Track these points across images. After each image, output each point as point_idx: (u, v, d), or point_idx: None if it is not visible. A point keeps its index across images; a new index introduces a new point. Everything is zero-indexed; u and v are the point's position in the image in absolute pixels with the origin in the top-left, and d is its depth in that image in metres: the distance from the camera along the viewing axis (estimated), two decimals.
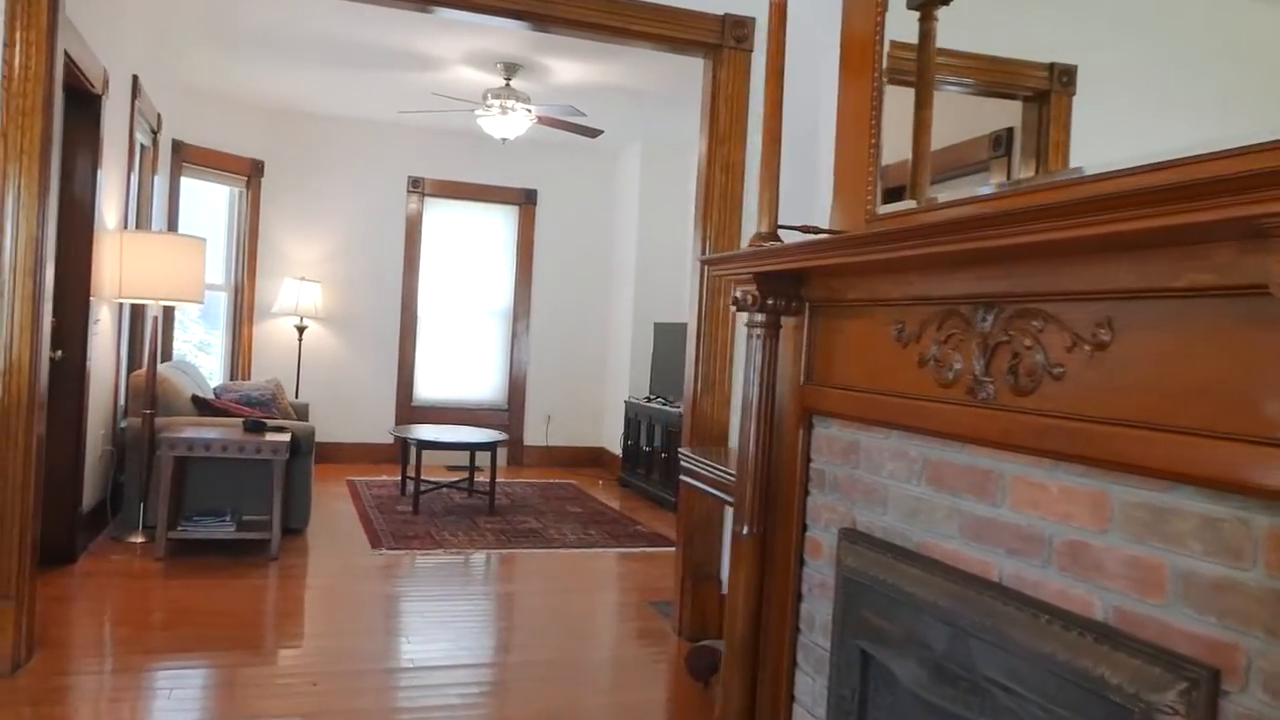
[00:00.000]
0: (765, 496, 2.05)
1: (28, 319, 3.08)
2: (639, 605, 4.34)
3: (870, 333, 1.83)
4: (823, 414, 1.99)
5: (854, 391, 1.87)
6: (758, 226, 2.05)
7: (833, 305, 1.97)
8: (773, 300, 1.98)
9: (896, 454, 1.75)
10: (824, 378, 1.99)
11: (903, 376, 1.72)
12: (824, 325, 1.99)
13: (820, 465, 2.01)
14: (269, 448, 4.71)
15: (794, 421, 2.04)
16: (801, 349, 2.02)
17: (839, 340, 1.95)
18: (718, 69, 3.82)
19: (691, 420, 3.85)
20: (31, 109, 3.04)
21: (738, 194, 3.82)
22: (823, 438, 2.00)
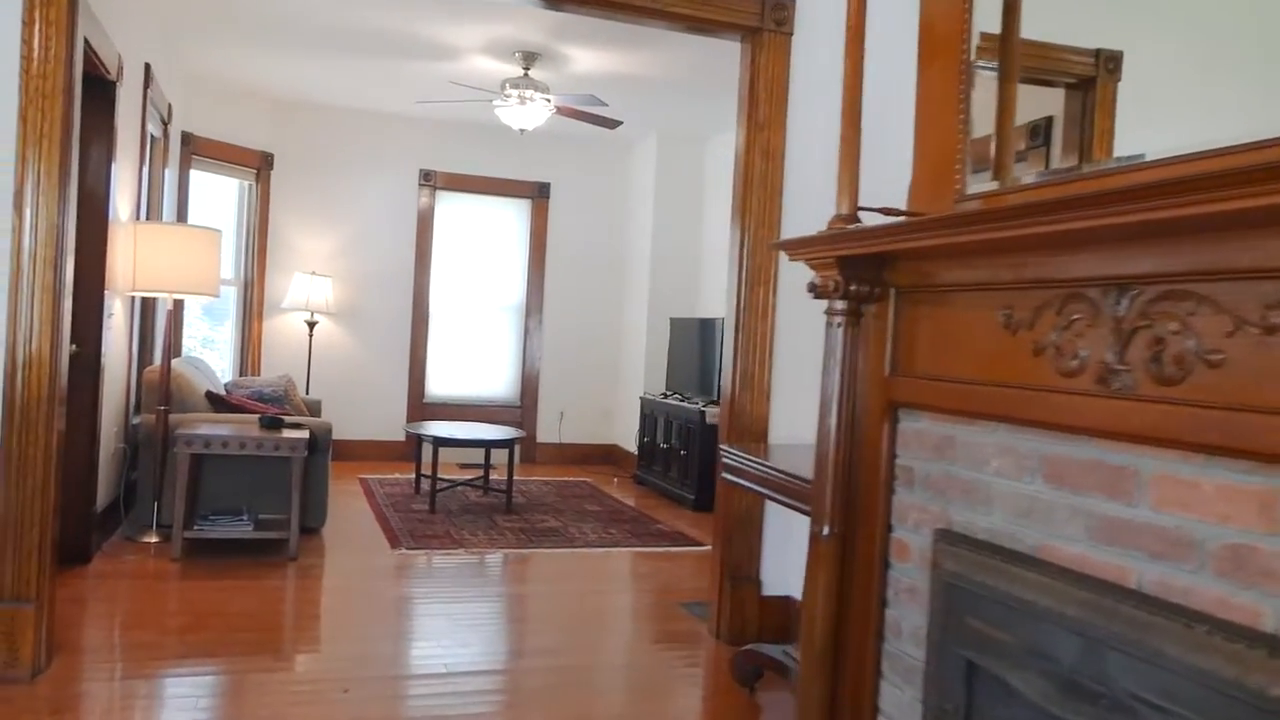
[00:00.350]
0: (846, 495, 1.92)
1: (48, 311, 2.95)
2: (671, 607, 4.21)
3: (970, 320, 1.71)
4: (911, 407, 1.87)
5: (949, 382, 1.75)
6: (837, 208, 1.93)
7: (923, 291, 1.84)
8: (855, 286, 1.86)
9: (1004, 449, 1.63)
10: (912, 368, 1.87)
11: (1012, 366, 1.60)
12: (912, 312, 1.87)
13: (907, 462, 1.89)
14: (288, 445, 4.58)
15: (877, 416, 1.92)
16: (886, 338, 1.90)
17: (930, 328, 1.82)
18: (756, 52, 3.69)
19: (730, 416, 3.72)
20: (52, 91, 2.90)
21: (778, 181, 3.70)
22: (910, 432, 1.87)
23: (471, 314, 8.23)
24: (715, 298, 7.70)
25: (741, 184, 3.72)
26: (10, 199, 2.90)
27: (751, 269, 3.68)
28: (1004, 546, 1.61)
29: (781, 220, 3.70)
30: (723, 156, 7.74)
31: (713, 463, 6.62)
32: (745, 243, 3.69)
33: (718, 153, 7.84)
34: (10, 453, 2.92)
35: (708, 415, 6.63)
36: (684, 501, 6.74)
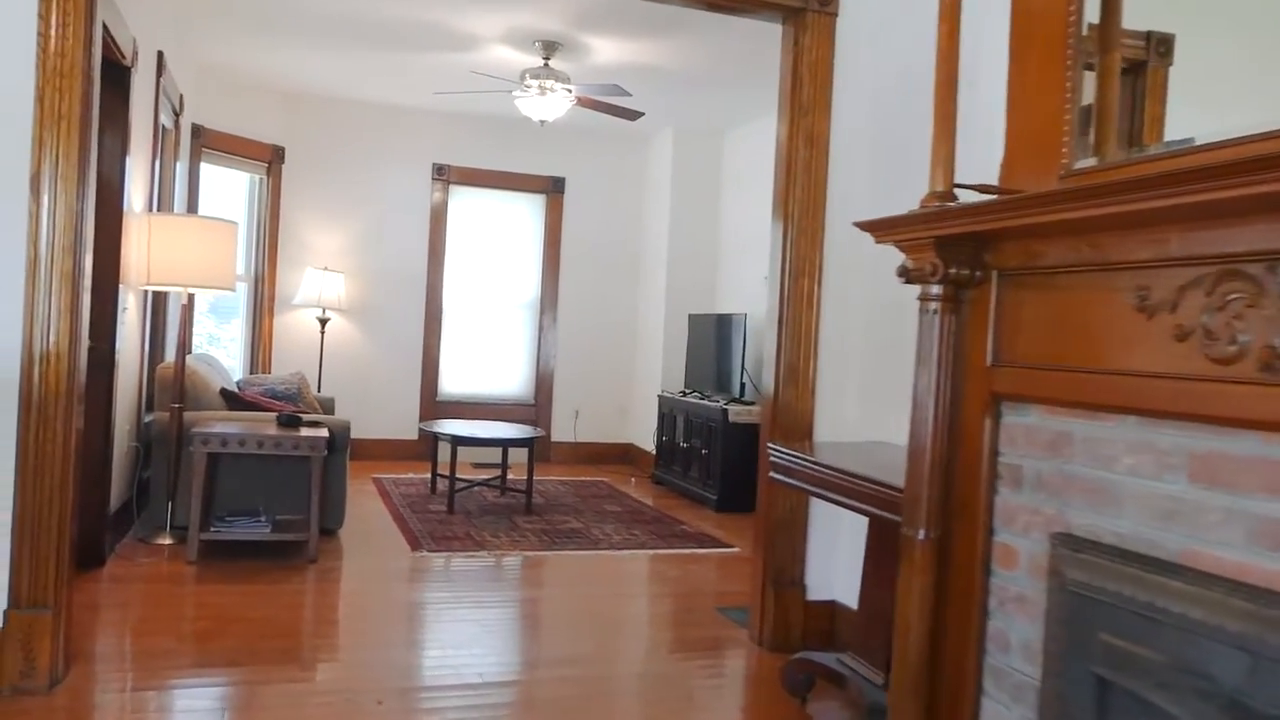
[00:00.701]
0: (943, 496, 1.78)
1: (67, 301, 2.80)
2: (707, 612, 4.06)
3: (1092, 302, 1.56)
4: (1017, 400, 1.72)
5: (1065, 372, 1.60)
6: (931, 184, 1.78)
7: (1031, 273, 1.70)
8: (955, 269, 1.71)
9: (1138, 445, 1.48)
10: (1018, 357, 1.72)
11: (1148, 352, 1.45)
12: (1018, 296, 1.72)
13: (1014, 459, 1.74)
14: (307, 444, 4.42)
15: (978, 409, 1.77)
16: (987, 325, 1.75)
17: (1040, 313, 1.68)
18: (800, 34, 3.54)
19: (774, 413, 3.57)
20: (70, 70, 2.76)
21: (823, 168, 3.55)
22: (1017, 427, 1.73)
23: (485, 310, 8.08)
24: (733, 293, 7.55)
25: (784, 171, 3.57)
26: (27, 183, 2.75)
27: (795, 260, 3.53)
28: (1140, 553, 1.47)
29: (826, 208, 3.55)
30: (741, 150, 7.59)
31: (736, 462, 6.47)
32: (789, 232, 3.54)
33: (735, 146, 7.70)
34: (27, 450, 2.77)
35: (731, 413, 6.48)
36: (706, 502, 6.59)
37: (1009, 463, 1.75)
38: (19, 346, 2.76)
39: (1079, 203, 1.40)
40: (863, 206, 3.52)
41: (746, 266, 7.37)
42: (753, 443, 6.50)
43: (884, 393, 3.43)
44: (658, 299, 7.95)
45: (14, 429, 2.76)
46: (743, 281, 7.41)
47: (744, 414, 6.51)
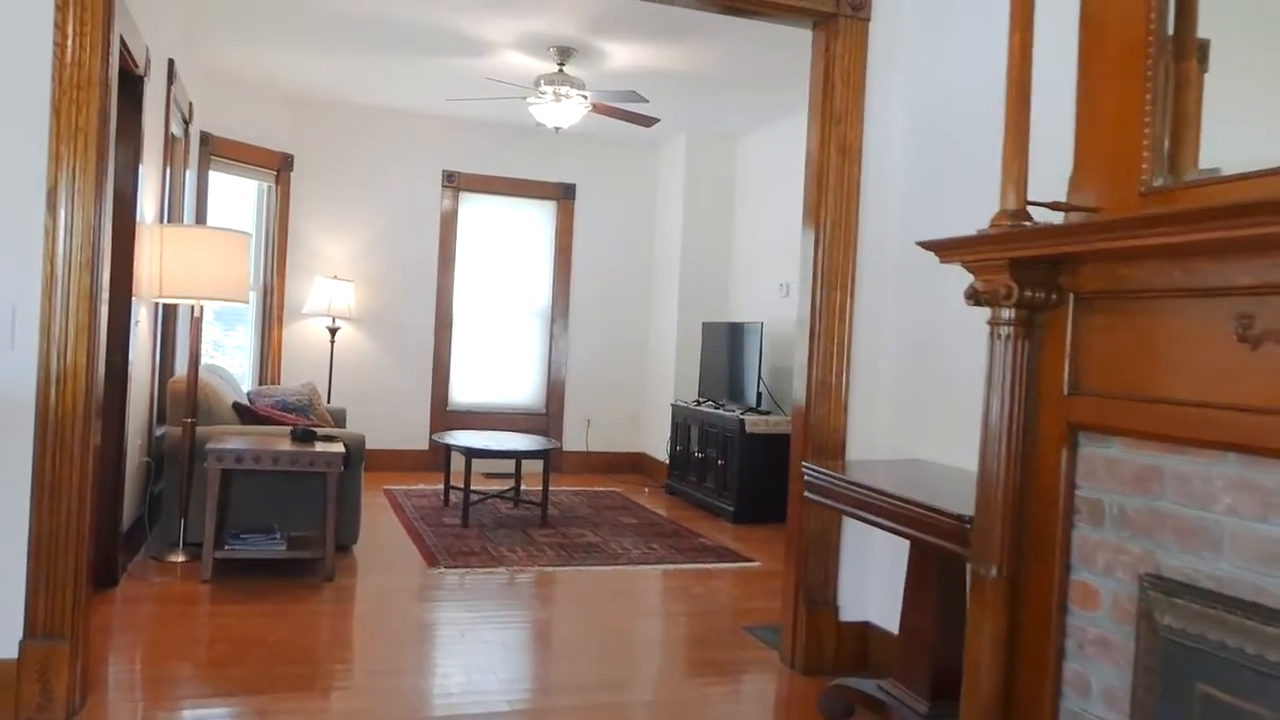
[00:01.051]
0: (1016, 531, 1.69)
1: (84, 318, 2.71)
2: (735, 631, 3.97)
3: (1183, 330, 1.47)
4: (1097, 430, 1.63)
5: (1152, 403, 1.51)
6: (1003, 202, 1.69)
7: (1113, 297, 1.61)
8: (1030, 292, 1.62)
9: (1239, 484, 1.39)
10: (1098, 386, 1.63)
11: (1253, 385, 1.36)
12: (1098, 321, 1.63)
13: (1093, 494, 1.65)
14: (323, 460, 4.33)
15: (1053, 440, 1.68)
16: (1064, 351, 1.66)
17: (1123, 340, 1.59)
18: (831, 40, 3.45)
19: (805, 429, 3.49)
20: (88, 81, 2.67)
21: (855, 178, 3.46)
22: (1098, 460, 1.64)
23: (496, 319, 7.99)
24: (747, 301, 7.46)
25: (815, 181, 3.48)
26: (43, 198, 2.66)
27: (827, 271, 3.44)
28: (1244, 599, 1.38)
29: (859, 219, 3.46)
30: (755, 155, 7.50)
31: (754, 473, 6.38)
32: (820, 242, 3.45)
33: (749, 152, 7.61)
34: (43, 473, 2.68)
35: (748, 423, 6.39)
36: (722, 513, 6.50)
37: (1088, 497, 1.66)
38: (34, 366, 2.68)
39: (1181, 227, 1.31)
40: (897, 217, 3.44)
41: (761, 274, 7.29)
42: (770, 454, 6.43)
43: (918, 409, 3.34)
44: (670, 306, 7.86)
45: (30, 451, 2.67)
46: (757, 289, 7.33)
47: (761, 424, 6.43)
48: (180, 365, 5.53)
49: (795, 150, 6.90)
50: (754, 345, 6.57)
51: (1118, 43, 1.70)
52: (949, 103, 3.23)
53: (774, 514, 6.38)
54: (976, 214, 3.01)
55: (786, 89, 6.26)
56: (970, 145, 3.08)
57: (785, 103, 6.61)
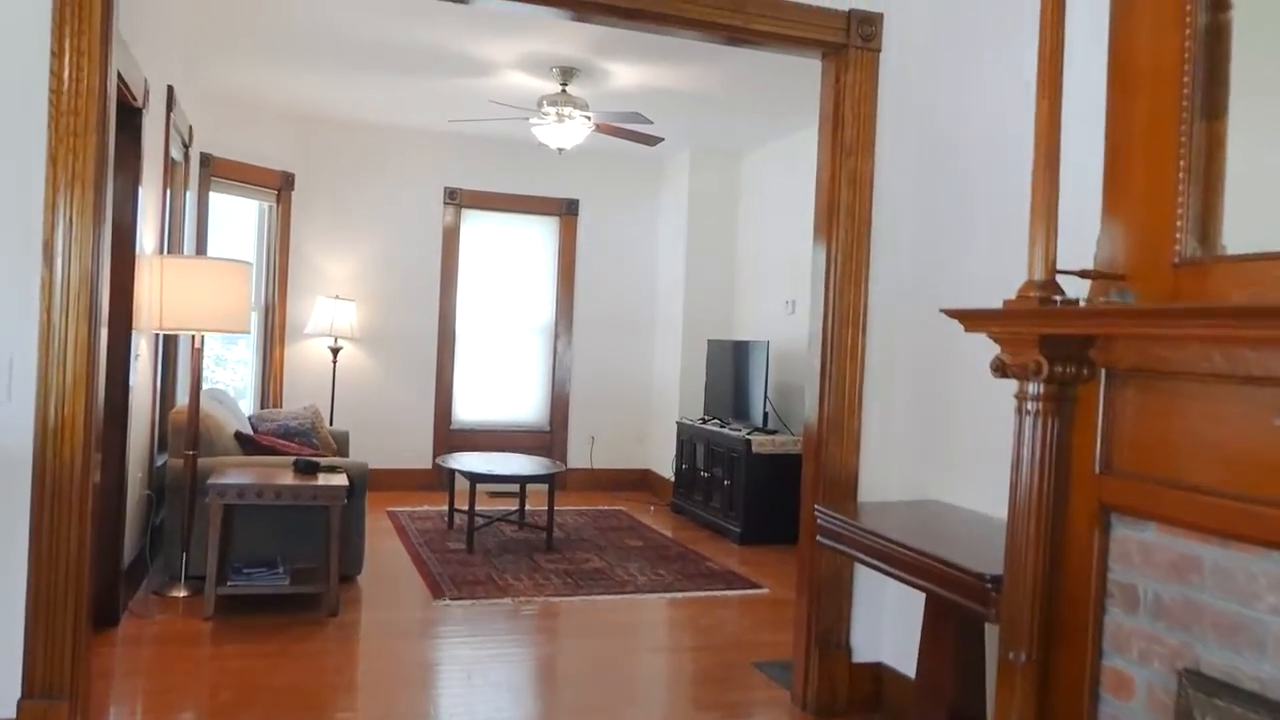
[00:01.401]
0: (1045, 612, 1.63)
1: (82, 369, 2.66)
2: (744, 668, 3.91)
3: (1228, 417, 1.41)
4: (1131, 513, 1.57)
5: (1190, 491, 1.45)
6: (1030, 270, 1.63)
7: (1149, 375, 1.55)
8: (1061, 367, 1.56)
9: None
10: (1133, 466, 1.58)
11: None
12: (1132, 399, 1.57)
13: (1127, 578, 1.59)
14: (326, 494, 4.28)
15: (1084, 520, 1.63)
16: (1095, 428, 1.60)
17: (1160, 421, 1.53)
18: (841, 71, 3.39)
19: (816, 468, 3.43)
20: (84, 129, 2.61)
21: (866, 212, 3.40)
22: (1133, 543, 1.58)
23: (499, 336, 7.94)
24: (752, 318, 7.40)
25: (825, 214, 3.42)
26: (39, 250, 2.61)
27: (839, 308, 3.38)
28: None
29: (871, 254, 3.40)
30: (759, 171, 7.44)
31: (760, 494, 6.31)
32: (832, 276, 3.39)
33: (754, 167, 7.55)
34: (40, 530, 2.63)
35: (754, 444, 6.34)
36: (728, 534, 6.45)
37: (1121, 581, 1.60)
38: (32, 418, 2.62)
39: (1221, 322, 1.26)
40: (910, 252, 3.38)
41: (766, 290, 7.23)
42: (777, 474, 6.37)
43: (932, 447, 3.28)
44: (675, 322, 7.80)
45: (28, 505, 2.62)
46: (762, 306, 7.27)
47: (767, 444, 6.37)
48: (181, 393, 5.47)
49: (800, 166, 6.85)
50: (760, 363, 6.51)
51: (1149, 105, 1.65)
52: (964, 138, 3.17)
53: (780, 535, 6.31)
54: (993, 254, 2.96)
55: (791, 108, 6.20)
56: (986, 183, 3.02)
57: (790, 120, 6.56)
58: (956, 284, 3.14)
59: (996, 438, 2.91)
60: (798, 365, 6.68)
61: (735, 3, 3.19)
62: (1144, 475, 1.56)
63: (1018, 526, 1.67)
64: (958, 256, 3.15)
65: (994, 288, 2.94)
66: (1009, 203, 2.91)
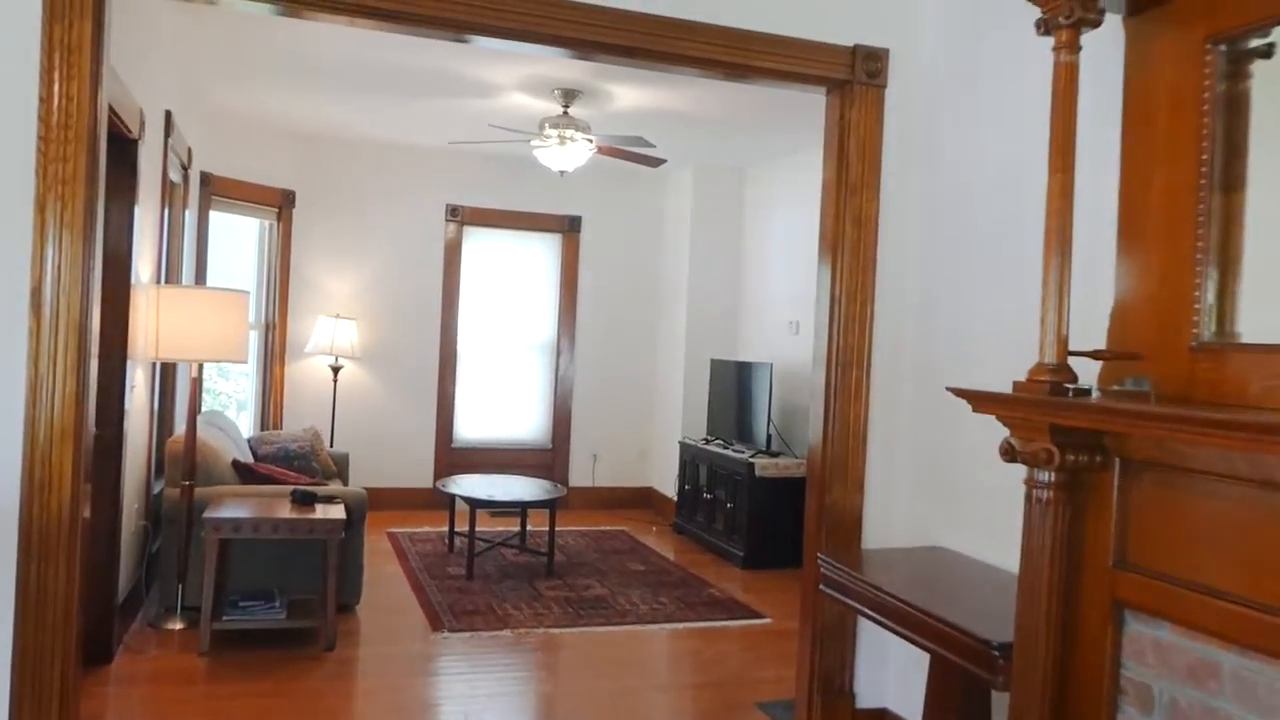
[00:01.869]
0: (1057, 708, 1.57)
1: (70, 422, 2.61)
2: (748, 709, 3.85)
3: (1252, 523, 1.35)
4: (1147, 612, 1.51)
5: (1209, 595, 1.39)
6: (1040, 354, 1.58)
7: (1166, 470, 1.49)
8: (1073, 456, 1.50)
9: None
10: (1150, 563, 1.52)
11: None
12: (1150, 493, 1.52)
13: (1141, 677, 1.53)
14: (323, 527, 4.23)
15: (1096, 615, 1.57)
16: (1109, 520, 1.54)
17: (1181, 518, 1.47)
18: (846, 108, 3.34)
19: (819, 510, 3.37)
20: (73, 175, 2.56)
21: (871, 253, 3.34)
22: (1147, 641, 1.52)
23: (500, 354, 7.88)
24: (756, 337, 7.34)
25: (830, 253, 3.37)
26: (26, 299, 2.55)
27: (843, 349, 3.32)
28: None
29: (875, 297, 3.34)
30: (763, 189, 7.38)
31: (763, 518, 6.25)
32: (836, 318, 3.33)
33: (758, 185, 7.49)
34: (28, 585, 2.58)
35: (757, 467, 6.27)
36: (731, 558, 6.38)
37: (1135, 679, 1.54)
38: (18, 473, 2.57)
39: (1244, 436, 1.19)
40: (915, 294, 3.32)
41: (770, 310, 7.17)
42: (780, 498, 6.31)
43: (937, 492, 3.22)
44: (677, 342, 7.73)
45: (13, 563, 2.56)
46: (766, 325, 7.21)
47: (771, 468, 6.31)
48: (179, 419, 5.42)
49: (805, 184, 6.79)
50: (763, 385, 6.45)
51: (1166, 182, 1.59)
52: (971, 180, 3.11)
53: (783, 560, 6.26)
54: (999, 299, 2.89)
55: (794, 129, 6.14)
56: (994, 226, 2.96)
57: (795, 139, 6.50)
58: (962, 327, 3.09)
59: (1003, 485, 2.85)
60: (801, 386, 6.62)
61: (737, 39, 3.14)
62: (1160, 573, 1.50)
63: (1028, 615, 1.61)
64: (963, 299, 3.09)
65: (1001, 334, 2.89)
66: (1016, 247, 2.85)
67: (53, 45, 2.56)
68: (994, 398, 1.67)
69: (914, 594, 2.59)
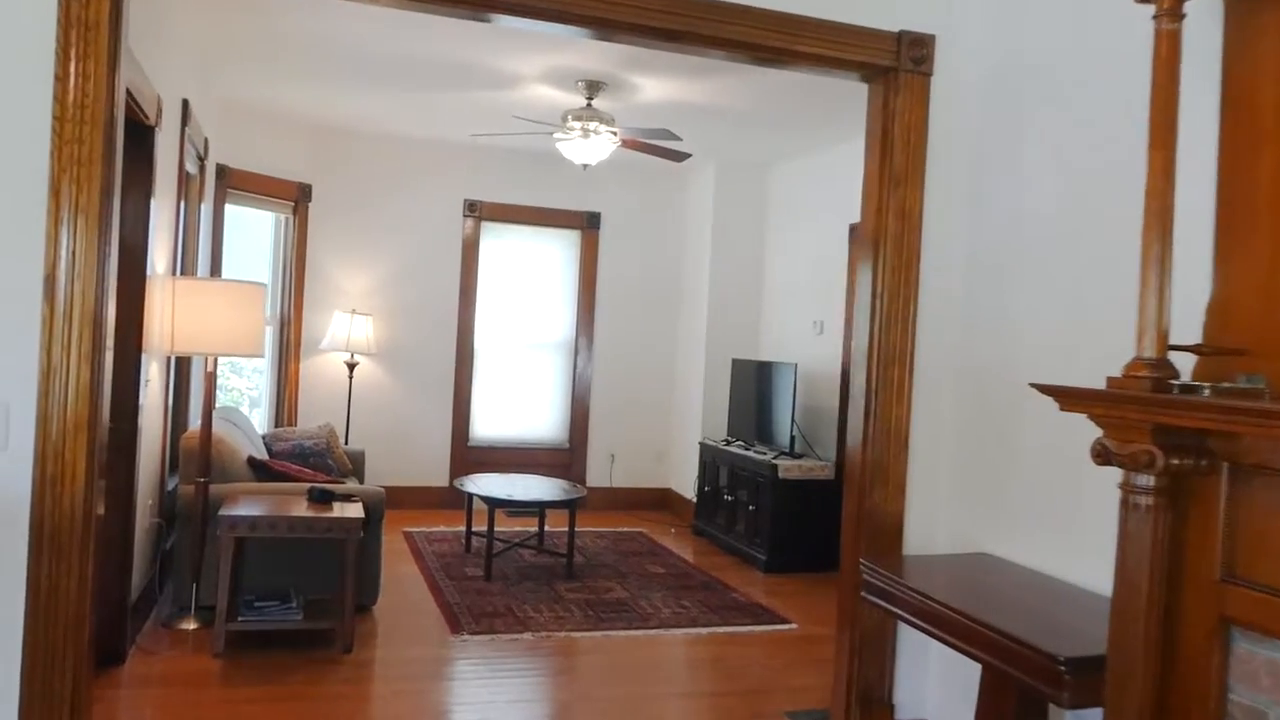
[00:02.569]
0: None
1: (84, 413, 2.50)
2: (776, 718, 3.71)
3: None
4: (1260, 630, 1.38)
5: None
6: (1138, 346, 1.44)
7: None
8: (1177, 459, 1.37)
9: None
10: (1262, 577, 1.39)
11: None
12: (1262, 500, 1.39)
13: (1253, 702, 1.40)
14: (341, 527, 4.11)
15: (1200, 634, 1.44)
16: (1217, 529, 1.41)
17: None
18: (890, 95, 3.21)
19: (858, 514, 3.23)
20: (89, 157, 2.45)
21: (915, 245, 3.21)
22: (1259, 663, 1.39)
23: (518, 352, 7.76)
24: (778, 337, 7.21)
25: (871, 248, 3.23)
26: (40, 286, 2.44)
27: (885, 345, 3.19)
28: None
29: (919, 294, 3.21)
30: (787, 186, 7.25)
31: (787, 521, 6.11)
32: (878, 313, 3.20)
33: (781, 182, 7.35)
34: (39, 583, 2.47)
35: (781, 469, 6.14)
36: (753, 561, 6.25)
37: (1246, 704, 1.41)
38: (30, 467, 2.46)
39: None
40: (960, 289, 3.19)
41: (793, 309, 7.04)
42: (804, 500, 6.17)
43: (979, 496, 3.09)
44: (698, 341, 7.60)
45: (24, 560, 2.45)
46: (789, 325, 7.08)
47: (794, 470, 6.18)
48: (194, 415, 5.33)
49: (831, 182, 6.66)
50: (786, 386, 6.31)
51: (1276, 163, 1.45)
52: (1026, 174, 2.98)
53: (806, 564, 6.14)
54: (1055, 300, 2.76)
55: (822, 123, 6.02)
56: (1046, 217, 2.83)
57: (821, 135, 6.37)
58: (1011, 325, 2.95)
59: (1059, 489, 2.72)
60: (824, 387, 6.49)
61: (780, 23, 3.01)
62: (1274, 588, 1.36)
63: (1123, 633, 1.48)
64: (1012, 295, 2.96)
65: (1057, 336, 2.75)
66: (1071, 240, 2.72)
67: (69, 21, 2.45)
68: (1086, 395, 1.54)
69: (966, 603, 2.46)
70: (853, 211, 6.29)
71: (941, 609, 2.47)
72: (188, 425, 5.12)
